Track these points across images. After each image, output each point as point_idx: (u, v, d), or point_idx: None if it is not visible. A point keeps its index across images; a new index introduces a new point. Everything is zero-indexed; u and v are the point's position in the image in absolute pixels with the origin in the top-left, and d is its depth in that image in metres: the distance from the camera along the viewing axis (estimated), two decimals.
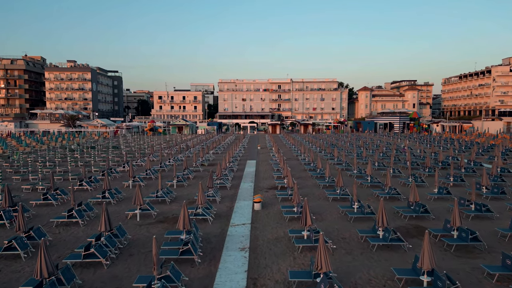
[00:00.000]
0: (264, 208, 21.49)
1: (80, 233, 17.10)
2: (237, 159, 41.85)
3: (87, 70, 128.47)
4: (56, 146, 56.20)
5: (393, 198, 23.70)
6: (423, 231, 16.83)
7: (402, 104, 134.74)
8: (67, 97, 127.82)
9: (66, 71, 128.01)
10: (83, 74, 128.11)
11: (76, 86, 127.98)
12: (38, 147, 54.58)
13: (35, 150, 51.10)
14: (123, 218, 19.45)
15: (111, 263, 13.73)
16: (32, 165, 36.84)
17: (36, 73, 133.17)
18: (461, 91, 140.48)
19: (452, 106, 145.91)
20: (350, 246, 15.48)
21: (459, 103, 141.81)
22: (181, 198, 24.08)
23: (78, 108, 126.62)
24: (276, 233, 17.12)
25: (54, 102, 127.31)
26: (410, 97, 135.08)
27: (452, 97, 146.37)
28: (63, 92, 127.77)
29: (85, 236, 16.58)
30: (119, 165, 37.35)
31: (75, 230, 17.61)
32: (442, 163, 37.12)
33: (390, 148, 50.58)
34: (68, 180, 30.48)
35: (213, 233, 17.10)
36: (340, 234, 16.93)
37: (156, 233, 16.93)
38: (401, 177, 30.74)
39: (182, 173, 31.71)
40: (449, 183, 28.43)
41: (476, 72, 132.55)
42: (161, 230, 17.40)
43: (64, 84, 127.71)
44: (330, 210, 21.25)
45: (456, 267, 13.31)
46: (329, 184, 27.73)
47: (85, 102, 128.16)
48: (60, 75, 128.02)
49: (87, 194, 25.11)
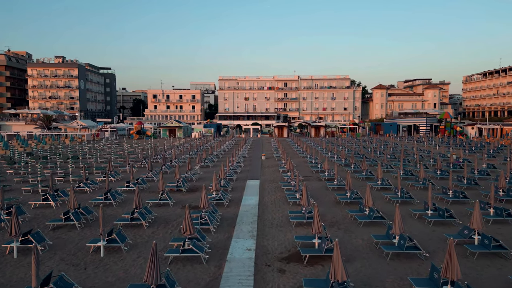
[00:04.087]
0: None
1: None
2: (233, 178, 29.38)
3: (74, 66, 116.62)
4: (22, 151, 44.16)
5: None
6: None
7: (421, 103, 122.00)
8: (51, 95, 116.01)
9: (50, 67, 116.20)
10: (69, 70, 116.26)
11: (61, 83, 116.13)
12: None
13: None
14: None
15: None
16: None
17: (20, 69, 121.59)
18: (486, 90, 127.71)
19: (475, 107, 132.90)
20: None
21: (483, 103, 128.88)
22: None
23: (63, 107, 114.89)
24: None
25: (37, 101, 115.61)
26: (430, 96, 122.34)
27: (475, 97, 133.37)
28: (47, 90, 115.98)
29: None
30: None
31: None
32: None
33: (435, 159, 38.01)
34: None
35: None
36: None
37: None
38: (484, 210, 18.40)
39: (143, 204, 19.23)
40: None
41: (503, 69, 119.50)
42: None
43: (49, 82, 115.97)
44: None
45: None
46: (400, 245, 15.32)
47: (72, 101, 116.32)
48: (44, 72, 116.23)
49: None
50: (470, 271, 12.53)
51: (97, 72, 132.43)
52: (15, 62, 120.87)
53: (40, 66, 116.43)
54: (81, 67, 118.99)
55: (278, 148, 50.86)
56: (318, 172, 32.82)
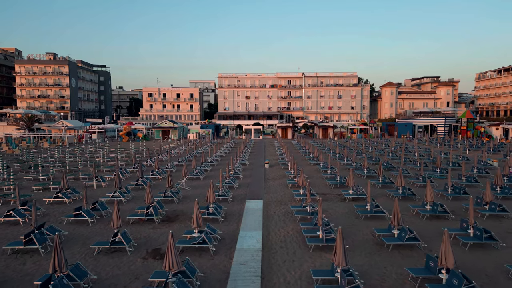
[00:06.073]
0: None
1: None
2: (228, 198, 22.26)
3: (64, 63, 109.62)
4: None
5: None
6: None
7: (433, 102, 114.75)
8: (40, 94, 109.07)
9: (39, 64, 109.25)
10: (59, 67, 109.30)
11: (51, 81, 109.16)
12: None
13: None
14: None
15: None
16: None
17: (8, 67, 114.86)
18: (501, 88, 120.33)
19: (489, 105, 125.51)
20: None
21: (498, 101, 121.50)
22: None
23: (53, 107, 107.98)
24: None
25: (25, 100, 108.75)
26: (443, 94, 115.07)
27: (489, 95, 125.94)
28: (35, 89, 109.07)
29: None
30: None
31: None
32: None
33: (481, 169, 30.82)
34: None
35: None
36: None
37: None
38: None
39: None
40: None
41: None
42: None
43: (37, 79, 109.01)
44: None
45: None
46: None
47: (62, 100, 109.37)
48: (33, 69, 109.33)
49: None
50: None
51: (90, 70, 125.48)
52: (2, 59, 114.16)
53: (28, 63, 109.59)
54: (72, 64, 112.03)
55: (284, 152, 43.78)
56: (337, 187, 25.71)
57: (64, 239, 15.32)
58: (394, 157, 41.10)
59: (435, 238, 15.40)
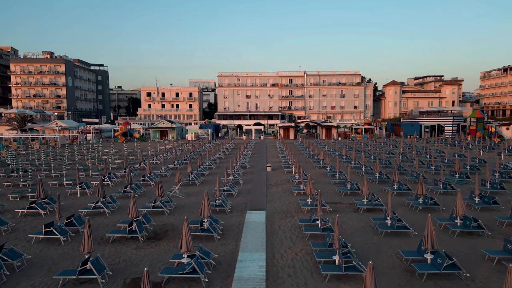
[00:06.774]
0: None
1: None
2: (226, 208, 19.61)
3: (60, 61, 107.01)
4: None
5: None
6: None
7: (438, 101, 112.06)
8: (36, 93, 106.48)
9: (35, 63, 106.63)
10: (55, 66, 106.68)
11: (47, 80, 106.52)
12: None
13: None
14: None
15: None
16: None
17: (3, 66, 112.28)
18: (507, 86, 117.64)
19: (494, 104, 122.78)
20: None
21: (504, 100, 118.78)
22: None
23: (49, 106, 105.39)
24: None
25: (21, 99, 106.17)
26: (448, 93, 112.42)
27: (495, 94, 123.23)
28: (31, 88, 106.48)
29: None
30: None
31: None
32: None
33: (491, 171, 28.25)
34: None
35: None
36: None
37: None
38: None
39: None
40: None
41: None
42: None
43: (33, 79, 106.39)
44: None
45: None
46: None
47: (58, 99, 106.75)
48: (28, 68, 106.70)
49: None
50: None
51: (87, 69, 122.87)
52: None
53: (23, 62, 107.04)
54: (69, 62, 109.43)
55: (286, 154, 41.17)
56: (348, 195, 23.08)
57: (26, 265, 12.69)
58: (404, 159, 38.46)
59: (475, 262, 12.78)
